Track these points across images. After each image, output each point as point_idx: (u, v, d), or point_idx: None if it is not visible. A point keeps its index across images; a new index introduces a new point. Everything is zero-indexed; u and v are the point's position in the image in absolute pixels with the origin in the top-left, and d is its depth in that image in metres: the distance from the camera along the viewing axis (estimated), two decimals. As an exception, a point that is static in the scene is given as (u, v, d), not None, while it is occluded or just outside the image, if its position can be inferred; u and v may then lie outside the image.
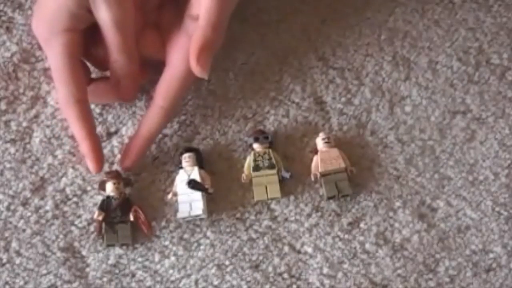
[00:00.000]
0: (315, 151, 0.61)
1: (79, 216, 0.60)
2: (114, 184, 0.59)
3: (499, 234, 0.60)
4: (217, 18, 0.55)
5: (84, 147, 0.58)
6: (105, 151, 0.61)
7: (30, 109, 0.62)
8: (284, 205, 0.60)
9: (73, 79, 0.57)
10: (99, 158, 0.58)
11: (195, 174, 0.59)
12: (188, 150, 0.61)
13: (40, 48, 0.63)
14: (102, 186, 0.59)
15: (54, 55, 0.57)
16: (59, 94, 0.58)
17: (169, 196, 0.60)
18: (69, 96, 0.57)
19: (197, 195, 0.59)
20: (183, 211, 0.59)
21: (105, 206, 0.59)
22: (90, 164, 0.58)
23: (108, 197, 0.59)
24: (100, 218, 0.58)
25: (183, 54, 0.57)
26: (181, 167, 0.60)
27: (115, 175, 0.59)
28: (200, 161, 0.60)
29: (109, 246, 0.59)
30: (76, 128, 0.58)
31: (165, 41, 0.59)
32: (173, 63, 0.58)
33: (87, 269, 0.58)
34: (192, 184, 0.59)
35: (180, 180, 0.60)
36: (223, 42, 0.57)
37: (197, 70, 0.56)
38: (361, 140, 0.63)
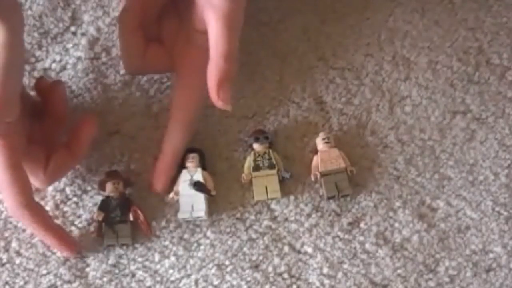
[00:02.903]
0: (315, 151, 0.61)
1: (79, 216, 0.60)
2: (114, 184, 0.59)
3: (499, 234, 0.60)
4: (228, 47, 0.54)
5: (49, 239, 0.56)
6: (105, 151, 0.61)
7: (30, 109, 0.62)
8: (284, 205, 0.60)
9: (18, 186, 0.54)
10: (69, 242, 0.57)
11: (199, 175, 0.59)
12: (191, 150, 0.60)
13: (40, 48, 0.63)
14: (102, 186, 0.59)
15: None
16: (7, 203, 0.55)
17: (170, 195, 0.60)
18: (17, 204, 0.54)
19: (200, 196, 0.59)
20: (184, 212, 0.59)
21: (104, 206, 0.59)
22: (64, 252, 0.58)
23: (107, 197, 0.59)
24: (100, 218, 0.58)
25: (195, 65, 0.57)
26: (184, 167, 0.60)
27: (115, 175, 0.59)
28: (203, 162, 0.60)
29: (109, 246, 0.59)
30: (34, 230, 0.56)
31: (173, 54, 0.59)
32: (187, 75, 0.58)
33: (87, 269, 0.58)
34: (197, 186, 0.59)
35: (183, 180, 0.59)
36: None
37: (220, 104, 0.55)
38: (361, 140, 0.63)
